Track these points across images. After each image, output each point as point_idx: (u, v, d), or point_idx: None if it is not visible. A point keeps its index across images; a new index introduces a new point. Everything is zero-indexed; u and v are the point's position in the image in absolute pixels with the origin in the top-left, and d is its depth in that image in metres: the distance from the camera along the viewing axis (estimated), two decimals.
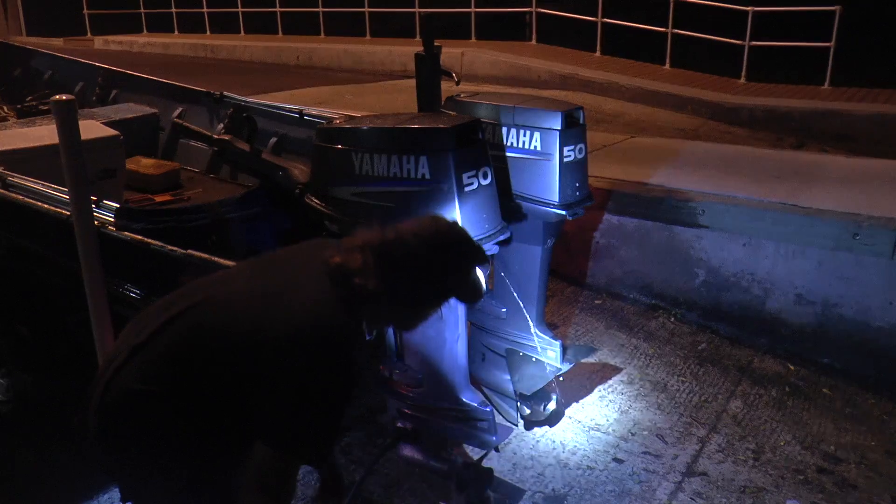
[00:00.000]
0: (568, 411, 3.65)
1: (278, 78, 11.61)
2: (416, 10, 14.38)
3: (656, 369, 4.11)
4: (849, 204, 4.23)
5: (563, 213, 2.89)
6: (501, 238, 2.41)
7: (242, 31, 16.74)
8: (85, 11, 17.07)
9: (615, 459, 3.36)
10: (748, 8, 10.76)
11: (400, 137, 2.31)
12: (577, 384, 3.88)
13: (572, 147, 2.86)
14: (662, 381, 3.99)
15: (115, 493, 3.03)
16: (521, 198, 2.93)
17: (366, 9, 15.06)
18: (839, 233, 4.06)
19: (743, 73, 10.98)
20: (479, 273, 1.87)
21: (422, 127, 2.29)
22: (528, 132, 2.85)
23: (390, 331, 2.74)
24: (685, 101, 9.75)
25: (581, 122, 2.90)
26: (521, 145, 2.88)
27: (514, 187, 2.92)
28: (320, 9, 15.67)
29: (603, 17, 12.30)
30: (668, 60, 11.70)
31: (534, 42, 13.50)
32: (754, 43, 10.80)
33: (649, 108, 9.81)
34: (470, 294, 1.83)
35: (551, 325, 4.52)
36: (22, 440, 3.28)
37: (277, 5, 16.18)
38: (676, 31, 11.51)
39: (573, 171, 2.88)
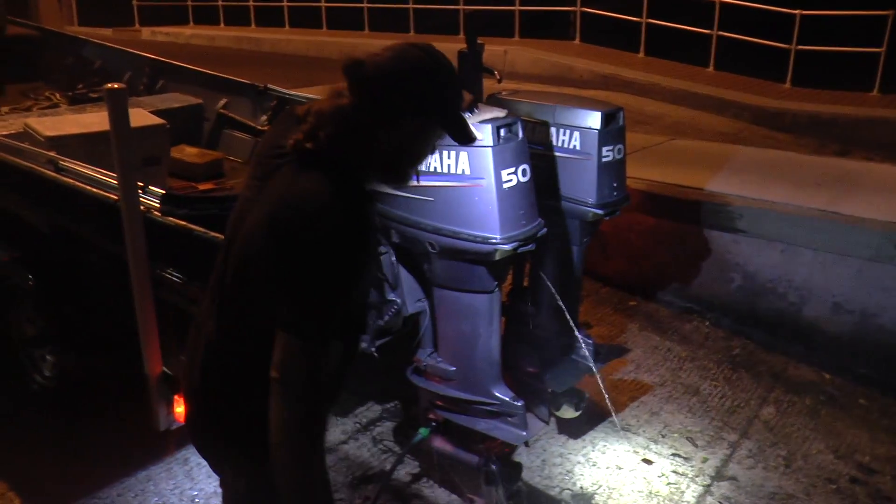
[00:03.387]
0: (599, 411, 3.66)
1: (320, 72, 11.70)
2: (461, 7, 14.40)
3: (689, 373, 4.09)
4: (891, 213, 4.17)
5: (600, 212, 2.89)
6: (539, 234, 2.43)
7: (287, 25, 16.89)
8: (134, 3, 17.37)
9: (644, 460, 3.37)
10: (795, 11, 10.59)
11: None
12: (609, 384, 3.88)
13: (611, 147, 2.86)
14: (695, 385, 3.98)
15: (152, 471, 3.13)
16: (560, 196, 2.95)
17: (410, 5, 15.11)
18: (880, 242, 4.01)
19: (788, 77, 10.80)
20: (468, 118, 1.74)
21: None
22: (567, 131, 2.87)
23: (426, 323, 2.78)
24: (727, 105, 9.64)
25: (620, 122, 2.91)
26: (560, 144, 2.89)
27: (552, 185, 2.93)
28: (365, 4, 15.76)
29: (647, 17, 12.20)
30: (711, 63, 11.55)
31: (577, 41, 13.43)
32: (801, 47, 10.62)
33: (691, 111, 9.72)
34: (458, 128, 1.65)
35: (585, 325, 4.50)
36: (66, 413, 3.41)
37: (322, 0, 16.33)
38: (721, 33, 11.36)
39: (611, 172, 2.89)
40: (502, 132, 2.32)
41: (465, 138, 1.66)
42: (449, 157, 2.33)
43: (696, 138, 7.68)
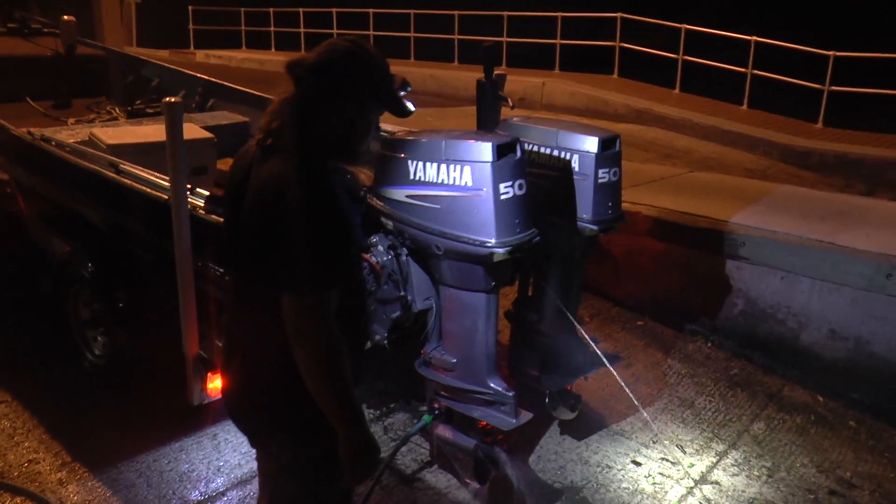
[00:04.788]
0: (594, 415, 3.93)
1: None
2: (504, 39, 14.88)
3: (686, 388, 4.34)
4: (886, 245, 4.38)
5: (595, 228, 3.20)
6: (533, 241, 2.74)
7: None
8: (190, 27, 18.24)
9: (633, 462, 3.63)
10: (829, 52, 10.80)
11: (449, 149, 2.69)
12: (608, 393, 4.15)
13: (607, 170, 3.17)
14: (690, 399, 4.22)
15: (185, 442, 3.49)
16: (560, 212, 3.26)
17: (455, 36, 15.60)
18: (873, 272, 4.23)
19: (820, 117, 10.99)
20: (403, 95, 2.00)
21: (468, 141, 2.67)
22: (568, 154, 3.19)
23: (433, 319, 3.10)
24: (757, 143, 9.86)
25: (617, 148, 3.22)
26: (561, 165, 3.22)
27: (553, 203, 3.25)
28: (412, 34, 16.34)
29: (684, 54, 12.50)
30: (745, 101, 11.80)
31: (615, 76, 13.76)
32: (833, 88, 10.81)
33: (720, 147, 9.97)
34: (394, 104, 1.94)
35: (593, 341, 4.78)
36: (112, 388, 3.83)
37: (371, 28, 16.93)
38: (756, 72, 11.61)
39: (607, 192, 3.20)
40: (501, 150, 2.64)
41: (402, 112, 1.95)
42: (454, 171, 2.66)
43: (723, 174, 7.90)
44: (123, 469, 3.30)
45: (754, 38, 11.58)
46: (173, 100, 2.83)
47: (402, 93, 2.01)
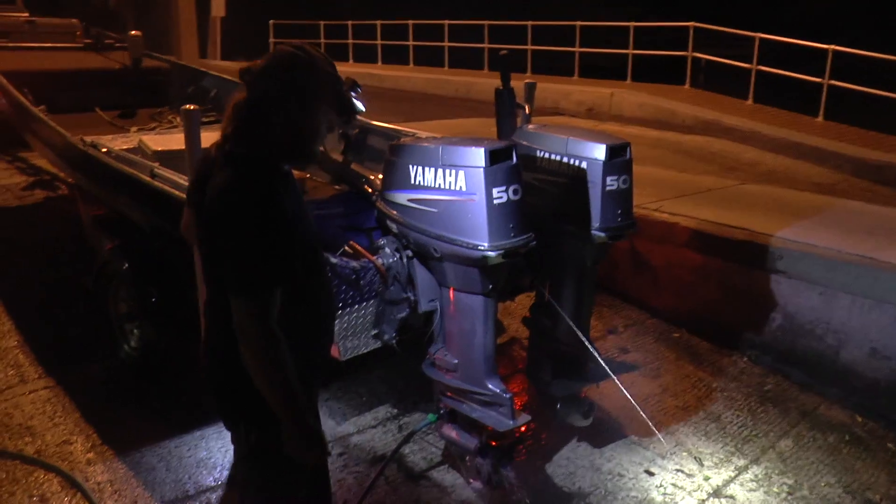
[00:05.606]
0: (613, 424, 3.92)
1: (430, 107, 12.39)
2: (577, 49, 14.87)
3: (714, 402, 4.27)
4: None
5: (604, 235, 3.22)
6: (529, 245, 2.78)
7: (411, 63, 17.87)
8: (271, 40, 18.89)
9: (647, 472, 3.60)
10: None
11: (445, 154, 2.77)
12: (630, 403, 4.11)
13: (615, 177, 3.19)
14: (717, 413, 4.15)
15: (206, 431, 3.67)
16: (571, 220, 3.29)
17: (528, 46, 15.66)
18: None
19: None
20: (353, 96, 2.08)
21: (462, 147, 2.74)
22: (576, 161, 3.22)
23: (437, 321, 3.17)
24: (827, 155, 9.54)
25: (627, 156, 3.22)
26: (570, 172, 3.25)
27: (563, 210, 3.29)
28: (486, 45, 16.48)
29: (758, 64, 12.21)
30: (821, 112, 11.42)
31: (687, 86, 13.55)
32: None
33: (789, 160, 9.69)
34: (341, 104, 2.03)
35: (624, 351, 4.78)
36: (147, 378, 4.08)
37: (445, 40, 17.18)
38: (832, 82, 11.22)
39: (615, 200, 3.21)
40: (495, 156, 2.70)
41: (349, 112, 2.05)
42: (450, 175, 2.74)
43: (788, 187, 7.64)
44: (146, 453, 3.49)
45: (832, 46, 11.20)
46: (192, 107, 3.01)
47: (353, 94, 2.10)
